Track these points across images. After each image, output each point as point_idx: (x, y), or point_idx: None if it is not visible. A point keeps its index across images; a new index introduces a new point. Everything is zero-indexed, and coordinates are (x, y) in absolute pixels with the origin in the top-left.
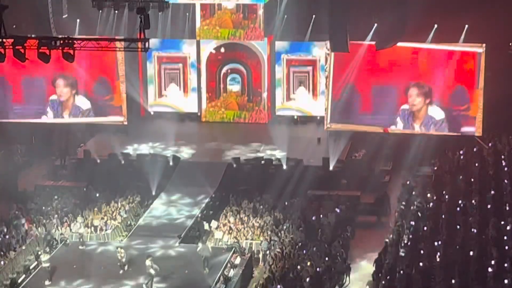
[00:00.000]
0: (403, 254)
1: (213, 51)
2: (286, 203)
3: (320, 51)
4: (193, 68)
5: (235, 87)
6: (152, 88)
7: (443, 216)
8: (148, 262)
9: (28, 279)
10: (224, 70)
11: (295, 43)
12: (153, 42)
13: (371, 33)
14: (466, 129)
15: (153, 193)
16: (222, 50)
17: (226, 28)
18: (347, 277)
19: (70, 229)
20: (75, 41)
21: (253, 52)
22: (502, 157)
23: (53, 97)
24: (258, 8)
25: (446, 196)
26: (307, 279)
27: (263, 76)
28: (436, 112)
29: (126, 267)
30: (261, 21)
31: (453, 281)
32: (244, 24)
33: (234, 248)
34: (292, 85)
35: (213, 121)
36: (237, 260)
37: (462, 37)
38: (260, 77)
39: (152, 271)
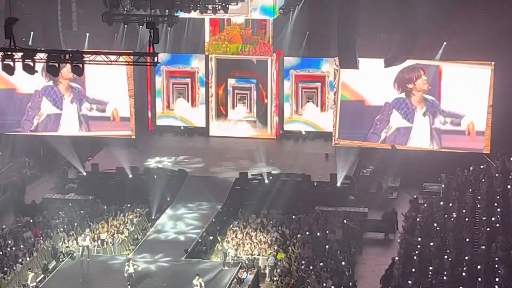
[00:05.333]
0: (410, 271)
1: None
2: (294, 217)
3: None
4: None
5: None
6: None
7: (450, 233)
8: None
9: None
10: None
11: (304, 59)
12: (161, 56)
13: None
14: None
15: (161, 207)
16: None
17: (235, 44)
18: None
19: (77, 243)
20: (84, 55)
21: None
22: (510, 175)
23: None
24: (267, 24)
25: (454, 213)
26: None
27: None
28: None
29: (132, 282)
30: (270, 37)
31: None
32: (253, 40)
33: (240, 263)
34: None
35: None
36: (244, 276)
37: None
38: None
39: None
